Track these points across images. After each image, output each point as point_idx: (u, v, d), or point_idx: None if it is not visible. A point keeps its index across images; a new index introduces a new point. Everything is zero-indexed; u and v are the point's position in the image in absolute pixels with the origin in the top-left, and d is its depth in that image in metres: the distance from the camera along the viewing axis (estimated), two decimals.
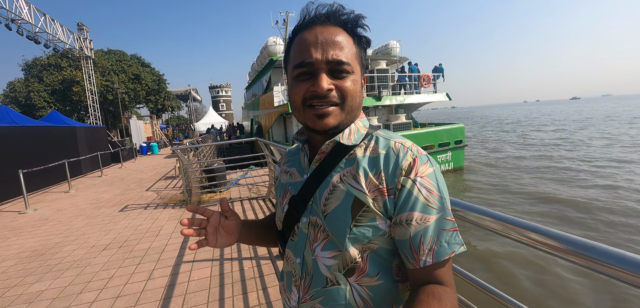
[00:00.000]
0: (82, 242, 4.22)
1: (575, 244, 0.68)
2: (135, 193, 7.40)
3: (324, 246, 0.67)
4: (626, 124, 29.43)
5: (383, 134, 0.70)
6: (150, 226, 4.64)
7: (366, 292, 0.64)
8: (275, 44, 16.06)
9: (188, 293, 2.67)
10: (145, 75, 30.69)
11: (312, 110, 0.65)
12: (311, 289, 0.69)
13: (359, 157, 0.67)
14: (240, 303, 2.45)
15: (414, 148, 0.65)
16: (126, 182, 9.19)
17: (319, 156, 0.71)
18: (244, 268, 3.05)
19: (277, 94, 13.69)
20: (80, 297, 2.79)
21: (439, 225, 0.59)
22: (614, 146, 17.19)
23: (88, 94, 19.04)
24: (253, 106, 21.21)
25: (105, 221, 5.18)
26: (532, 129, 31.90)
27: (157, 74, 33.43)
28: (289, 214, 0.75)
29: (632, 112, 47.51)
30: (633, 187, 9.46)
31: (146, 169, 12.05)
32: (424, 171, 0.61)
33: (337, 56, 0.64)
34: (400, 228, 0.60)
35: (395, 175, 0.61)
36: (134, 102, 31.66)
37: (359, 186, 0.63)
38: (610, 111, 54.62)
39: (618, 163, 12.93)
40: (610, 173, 11.44)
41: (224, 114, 65.14)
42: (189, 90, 48.64)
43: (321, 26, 0.66)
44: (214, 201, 5.90)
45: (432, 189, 0.60)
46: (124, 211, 5.71)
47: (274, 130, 15.22)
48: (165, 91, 33.94)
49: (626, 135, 21.27)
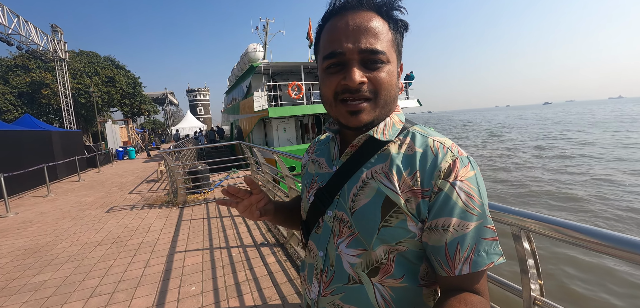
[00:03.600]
0: (74, 240, 4.47)
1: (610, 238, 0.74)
2: (119, 196, 7.57)
3: (349, 243, 0.65)
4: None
5: (420, 130, 0.66)
6: (139, 224, 4.94)
7: (389, 293, 0.63)
8: (255, 51, 16.45)
9: (184, 275, 3.09)
10: (120, 78, 30.00)
11: (344, 106, 0.62)
12: (332, 284, 0.68)
13: (393, 154, 0.63)
14: (230, 280, 2.91)
15: (454, 148, 0.60)
16: (107, 186, 9.27)
17: (350, 149, 0.68)
18: (232, 254, 3.50)
19: (257, 99, 14.05)
20: (84, 284, 3.11)
21: (479, 233, 0.56)
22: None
23: (62, 97, 18.52)
24: (233, 110, 21.38)
25: (93, 221, 5.41)
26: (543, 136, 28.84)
27: (132, 76, 32.74)
28: (315, 206, 0.73)
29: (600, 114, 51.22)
30: None
31: (125, 173, 12.05)
32: (464, 175, 0.57)
33: (370, 45, 0.59)
34: (436, 233, 0.57)
35: (432, 177, 0.58)
36: (107, 106, 30.82)
37: (391, 186, 0.60)
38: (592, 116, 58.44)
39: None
40: None
41: (202, 118, 64.19)
42: (166, 93, 47.71)
43: (353, 12, 0.61)
44: (198, 201, 6.23)
45: (472, 195, 0.56)
46: (110, 213, 5.94)
47: (254, 134, 15.53)
48: (141, 94, 33.26)
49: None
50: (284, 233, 3.94)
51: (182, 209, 5.71)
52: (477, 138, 33.23)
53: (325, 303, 0.69)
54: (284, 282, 2.82)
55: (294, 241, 3.54)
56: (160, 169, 10.09)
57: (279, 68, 14.55)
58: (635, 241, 0.73)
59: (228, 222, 4.74)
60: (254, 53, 16.52)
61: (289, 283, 2.79)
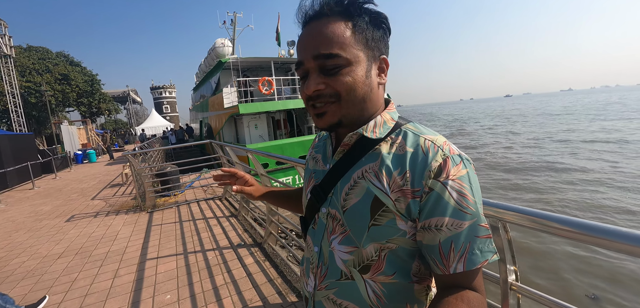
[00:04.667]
0: (31, 254, 4.13)
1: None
2: (80, 203, 7.08)
3: (341, 240, 0.67)
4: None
5: (413, 129, 0.66)
6: (105, 233, 4.66)
7: (380, 289, 0.64)
8: (223, 46, 15.98)
9: (158, 284, 2.95)
10: (75, 75, 28.03)
11: (313, 110, 0.66)
12: (326, 279, 0.70)
13: (384, 153, 0.64)
14: (208, 285, 2.83)
15: (446, 146, 0.60)
16: (66, 193, 8.64)
17: (342, 147, 0.69)
18: (208, 257, 3.40)
19: (227, 95, 13.66)
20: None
21: (472, 232, 0.56)
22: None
23: (9, 97, 16.95)
24: (202, 108, 20.67)
25: (51, 232, 5.03)
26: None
27: (89, 73, 30.71)
28: (311, 202, 0.76)
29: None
30: None
31: (86, 178, 11.30)
32: (456, 173, 0.57)
33: (324, 50, 0.60)
34: (430, 233, 0.58)
35: (422, 177, 0.58)
36: (62, 106, 28.69)
37: (380, 185, 0.61)
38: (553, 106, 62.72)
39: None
40: None
41: (169, 116, 61.56)
42: (128, 91, 45.14)
43: (315, 21, 0.63)
44: (169, 204, 5.98)
45: (465, 193, 0.57)
46: (71, 221, 5.55)
47: (225, 132, 15.13)
48: (100, 92, 31.32)
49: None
50: (261, 232, 3.89)
51: (151, 213, 5.46)
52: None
53: (321, 297, 0.71)
54: (264, 283, 2.79)
55: (271, 241, 3.51)
56: (125, 172, 9.56)
57: (249, 63, 14.24)
58: (603, 227, 0.79)
59: (202, 225, 4.60)
60: (222, 48, 16.02)
61: (270, 284, 2.77)
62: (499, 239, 1.07)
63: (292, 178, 11.54)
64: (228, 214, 5.02)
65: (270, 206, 3.45)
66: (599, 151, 15.69)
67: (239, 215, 4.77)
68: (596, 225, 0.80)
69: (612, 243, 0.76)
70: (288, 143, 12.38)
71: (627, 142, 17.25)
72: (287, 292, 2.61)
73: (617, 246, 0.75)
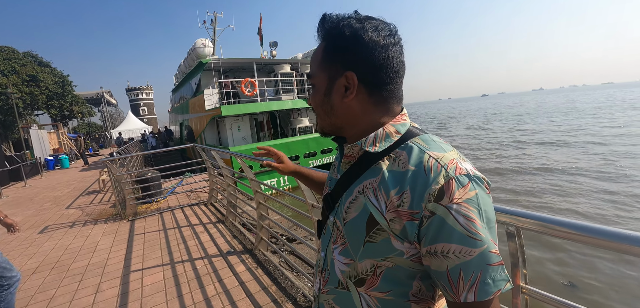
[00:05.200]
0: None
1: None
2: (54, 213, 6.70)
3: (341, 251, 0.68)
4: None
5: (420, 143, 0.62)
6: (83, 244, 4.42)
7: (375, 303, 0.64)
8: (203, 47, 15.64)
9: (144, 297, 2.82)
10: (45, 76, 26.59)
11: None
12: (328, 284, 0.72)
13: (384, 170, 0.62)
14: (199, 296, 2.72)
15: (451, 165, 0.56)
16: (37, 202, 8.16)
17: (346, 159, 0.72)
18: (197, 266, 3.28)
19: (208, 97, 13.35)
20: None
21: (483, 260, 0.52)
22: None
23: None
24: (182, 110, 20.12)
25: (24, 245, 4.72)
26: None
27: (59, 74, 29.20)
28: (323, 209, 0.79)
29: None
30: None
31: (59, 186, 10.72)
32: (461, 196, 0.53)
33: (309, 72, 0.73)
34: (436, 258, 0.55)
35: (422, 199, 0.55)
36: (30, 109, 27.18)
37: (376, 204, 0.60)
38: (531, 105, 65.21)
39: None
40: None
41: (146, 118, 59.69)
42: (102, 93, 43.25)
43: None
44: (151, 211, 5.76)
45: (472, 218, 0.53)
46: (45, 233, 5.23)
47: (207, 134, 14.79)
48: (72, 94, 29.87)
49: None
50: (251, 239, 3.80)
51: (132, 222, 5.23)
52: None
53: (323, 300, 0.74)
54: (258, 291, 2.71)
55: (262, 247, 3.43)
56: (102, 178, 9.14)
57: (231, 64, 13.98)
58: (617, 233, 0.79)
59: (188, 232, 4.45)
60: (202, 49, 15.64)
61: (264, 292, 2.69)
62: (513, 244, 1.07)
63: (277, 181, 11.42)
64: (215, 220, 4.88)
65: (260, 212, 3.37)
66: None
67: (227, 221, 4.65)
68: (609, 230, 0.81)
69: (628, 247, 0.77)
70: (272, 144, 12.24)
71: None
72: (283, 300, 2.55)
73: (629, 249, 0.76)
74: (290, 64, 15.08)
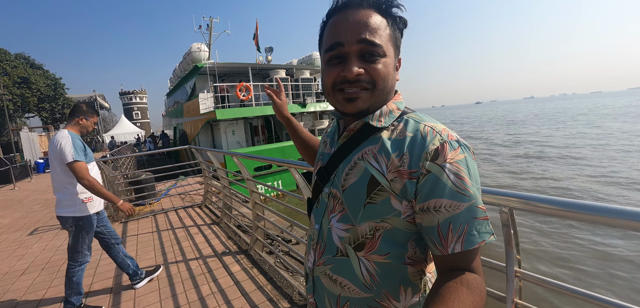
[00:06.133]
0: None
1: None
2: (44, 215, 6.57)
3: (340, 219, 0.70)
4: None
5: (415, 117, 0.69)
6: None
7: (373, 267, 0.66)
8: (199, 51, 15.62)
9: (137, 297, 2.77)
10: (37, 78, 26.30)
11: (341, 94, 0.67)
12: (324, 255, 0.73)
13: (385, 138, 0.67)
14: (193, 296, 2.69)
15: (444, 132, 0.63)
16: (27, 204, 8.00)
17: (348, 133, 0.73)
18: (191, 267, 3.25)
19: (203, 100, 13.30)
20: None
21: (470, 213, 0.58)
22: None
23: None
24: (176, 114, 20.00)
25: (13, 246, 4.62)
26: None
27: (52, 77, 28.91)
28: (316, 183, 0.81)
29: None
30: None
31: (49, 188, 10.52)
32: (453, 157, 0.59)
33: (368, 38, 0.63)
34: (428, 214, 0.60)
35: (420, 159, 0.60)
36: (21, 111, 26.75)
37: (377, 166, 0.64)
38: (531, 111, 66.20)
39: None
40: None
41: (140, 123, 59.13)
42: (95, 96, 42.80)
43: (353, 9, 0.66)
44: (144, 213, 5.68)
45: (462, 176, 0.58)
46: (35, 234, 5.12)
47: (201, 138, 14.71)
48: (64, 97, 29.53)
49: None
50: (246, 240, 3.78)
51: (125, 223, 5.16)
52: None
53: (319, 273, 0.75)
54: (254, 290, 2.69)
55: (258, 247, 3.41)
56: None
57: (226, 69, 13.98)
58: (613, 208, 0.82)
59: (182, 233, 4.40)
60: (198, 53, 15.63)
61: (259, 291, 2.67)
62: (506, 227, 1.10)
63: (277, 183, 11.40)
64: (209, 222, 4.84)
65: (256, 212, 3.36)
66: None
67: (222, 222, 4.62)
68: (604, 206, 0.83)
69: (622, 221, 0.80)
70: (266, 149, 12.22)
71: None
72: (278, 299, 2.53)
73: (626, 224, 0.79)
74: (285, 69, 15.14)
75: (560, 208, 0.92)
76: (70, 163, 2.39)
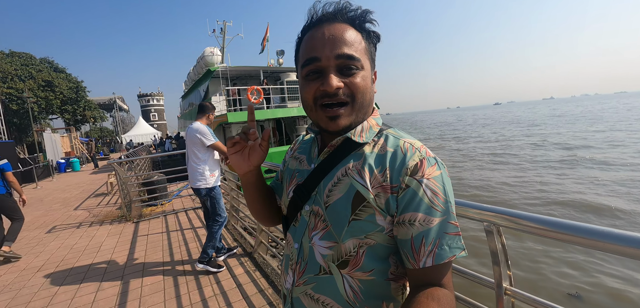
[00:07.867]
0: (9, 267, 3.95)
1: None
2: (62, 213, 6.84)
3: (322, 236, 0.69)
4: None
5: (393, 133, 0.71)
6: (88, 244, 4.50)
7: (357, 285, 0.66)
8: (212, 55, 15.91)
9: (143, 297, 2.85)
10: (60, 82, 27.41)
11: (323, 112, 0.67)
12: (305, 274, 0.71)
13: (367, 153, 0.68)
14: (196, 297, 2.74)
15: (422, 149, 0.65)
16: (47, 203, 8.35)
17: (328, 148, 0.72)
18: (196, 268, 3.31)
19: (215, 103, 13.56)
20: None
21: (442, 228, 0.59)
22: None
23: None
24: (190, 116, 20.42)
25: (31, 243, 4.83)
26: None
27: (74, 80, 30.04)
28: (293, 201, 0.77)
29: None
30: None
31: (69, 188, 10.95)
32: (431, 173, 0.61)
33: (346, 52, 0.64)
34: (403, 227, 0.61)
35: (400, 174, 0.62)
36: (45, 113, 27.92)
37: (362, 181, 0.65)
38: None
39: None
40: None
41: (156, 124, 60.66)
42: (114, 98, 44.28)
43: (329, 24, 0.66)
44: (155, 214, 5.83)
45: (437, 192, 0.60)
46: (52, 232, 5.34)
47: None
48: (85, 99, 30.67)
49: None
50: (251, 242, 3.82)
51: (137, 224, 5.31)
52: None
53: (299, 293, 0.73)
54: (255, 294, 2.72)
55: (262, 250, 3.45)
56: (110, 181, 9.31)
57: (238, 72, 14.19)
58: (602, 231, 0.79)
59: (190, 234, 4.49)
60: (211, 57, 15.94)
61: (260, 295, 2.70)
62: (493, 243, 1.07)
63: None
64: None
65: None
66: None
67: (228, 224, 4.68)
68: (595, 228, 0.80)
69: (612, 246, 0.77)
70: (278, 151, 12.30)
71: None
72: (278, 303, 2.55)
73: (615, 249, 0.76)
74: (296, 72, 15.22)
75: (550, 228, 0.89)
76: (212, 143, 3.18)
